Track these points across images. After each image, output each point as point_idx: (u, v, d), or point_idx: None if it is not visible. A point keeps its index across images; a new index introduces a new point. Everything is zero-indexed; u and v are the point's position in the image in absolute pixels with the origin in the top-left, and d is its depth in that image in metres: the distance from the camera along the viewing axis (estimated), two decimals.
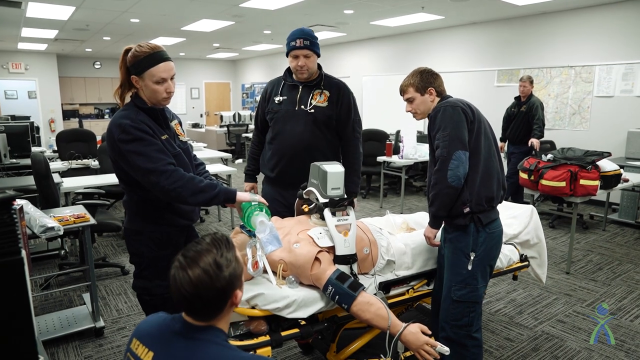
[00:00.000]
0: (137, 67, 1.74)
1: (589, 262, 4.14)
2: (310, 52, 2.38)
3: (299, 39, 2.36)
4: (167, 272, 1.87)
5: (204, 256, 1.06)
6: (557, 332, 2.90)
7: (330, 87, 2.50)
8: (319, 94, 2.49)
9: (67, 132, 6.24)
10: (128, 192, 1.88)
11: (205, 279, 1.03)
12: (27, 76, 11.96)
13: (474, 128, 1.95)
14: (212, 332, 1.09)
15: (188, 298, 1.04)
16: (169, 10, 6.47)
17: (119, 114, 1.76)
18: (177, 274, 1.05)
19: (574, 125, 6.32)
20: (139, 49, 1.74)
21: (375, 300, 1.73)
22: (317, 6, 6.19)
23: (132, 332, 1.17)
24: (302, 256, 1.81)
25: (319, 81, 2.50)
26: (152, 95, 1.78)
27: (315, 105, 2.46)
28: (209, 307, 1.07)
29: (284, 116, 2.49)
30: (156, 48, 1.75)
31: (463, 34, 7.63)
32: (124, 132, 1.69)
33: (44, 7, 6.18)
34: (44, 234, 2.37)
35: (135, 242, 1.89)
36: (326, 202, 1.91)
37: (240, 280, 1.12)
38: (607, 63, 5.90)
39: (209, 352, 1.04)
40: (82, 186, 4.16)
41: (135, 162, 1.68)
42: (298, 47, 2.36)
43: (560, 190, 3.75)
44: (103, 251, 4.43)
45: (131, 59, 1.74)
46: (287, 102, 2.50)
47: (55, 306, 3.24)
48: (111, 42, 9.84)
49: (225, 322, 1.14)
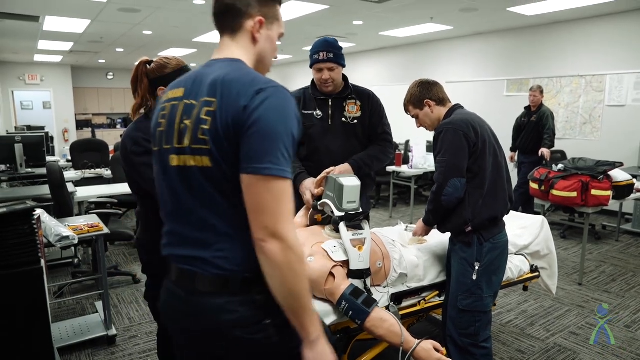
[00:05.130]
0: (167, 79, 1.73)
1: (601, 274, 4.10)
2: (334, 65, 2.28)
3: (322, 51, 2.26)
4: None
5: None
6: (570, 345, 2.87)
7: (361, 96, 2.43)
8: (352, 104, 2.41)
9: (81, 142, 6.34)
10: (141, 203, 1.91)
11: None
12: (43, 87, 12.20)
13: (477, 150, 1.96)
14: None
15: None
16: (180, 22, 6.59)
17: (132, 127, 1.79)
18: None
19: (585, 134, 6.28)
20: (167, 61, 1.77)
21: (389, 316, 1.73)
22: (327, 17, 6.25)
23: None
24: (316, 270, 1.82)
25: (348, 92, 2.42)
26: None
27: (354, 117, 2.40)
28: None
29: (320, 133, 2.38)
30: (183, 62, 1.81)
31: (472, 44, 7.64)
32: (137, 145, 1.72)
33: (61, 21, 6.33)
34: (59, 243, 2.42)
35: (148, 252, 1.90)
36: (342, 215, 1.92)
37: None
38: (618, 72, 5.87)
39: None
40: (95, 195, 4.22)
41: (147, 174, 1.69)
42: (322, 61, 2.26)
43: (572, 201, 3.73)
44: (115, 259, 4.48)
45: (158, 71, 1.76)
46: (323, 116, 2.40)
47: (69, 314, 3.28)
48: (124, 53, 10.02)
49: (244, 49, 1.14)
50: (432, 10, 5.79)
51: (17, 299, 1.19)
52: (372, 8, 5.66)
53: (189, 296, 1.09)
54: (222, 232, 1.05)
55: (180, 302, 1.11)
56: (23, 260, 1.19)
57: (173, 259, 1.13)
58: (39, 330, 1.27)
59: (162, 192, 1.15)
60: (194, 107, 1.04)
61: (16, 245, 1.25)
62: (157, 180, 1.17)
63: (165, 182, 1.12)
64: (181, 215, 1.11)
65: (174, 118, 1.09)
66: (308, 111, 2.42)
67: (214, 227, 1.05)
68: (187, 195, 1.07)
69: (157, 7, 5.67)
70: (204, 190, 1.04)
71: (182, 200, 1.09)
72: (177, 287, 1.12)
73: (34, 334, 1.27)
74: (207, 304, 1.06)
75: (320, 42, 2.31)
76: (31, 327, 1.24)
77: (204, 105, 1.02)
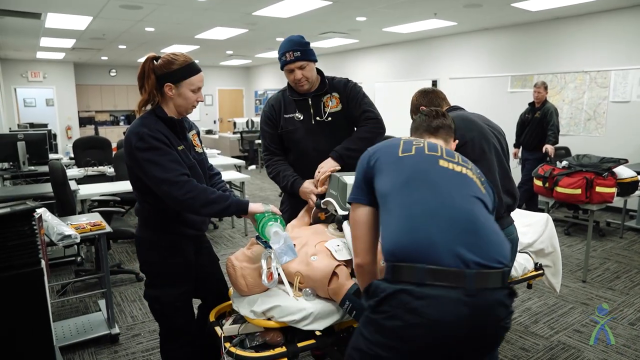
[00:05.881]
0: (174, 75, 1.75)
1: (606, 271, 4.07)
2: (304, 63, 2.18)
3: (288, 52, 2.16)
4: (177, 280, 1.90)
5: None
6: (574, 342, 2.86)
7: (337, 88, 2.34)
8: (329, 99, 2.32)
9: (84, 139, 6.35)
10: (140, 201, 1.90)
11: None
12: (45, 84, 12.21)
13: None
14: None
15: None
16: (183, 18, 6.56)
17: (137, 122, 1.78)
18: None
19: (589, 131, 6.24)
20: (174, 57, 1.75)
21: None
22: (330, 14, 6.22)
23: None
24: (319, 270, 1.81)
25: (325, 87, 2.32)
26: (184, 104, 1.80)
27: (330, 113, 2.31)
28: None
29: (303, 135, 2.30)
30: (190, 58, 1.79)
31: (476, 39, 7.59)
32: (141, 140, 1.70)
33: (63, 17, 6.32)
34: (62, 242, 2.41)
35: (146, 250, 1.91)
36: (345, 214, 1.91)
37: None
38: (623, 68, 5.82)
39: None
40: (97, 193, 4.22)
41: (150, 170, 1.70)
42: (290, 61, 2.16)
43: (576, 198, 3.70)
44: (118, 257, 4.49)
45: (165, 67, 1.75)
46: (304, 118, 2.31)
47: (72, 312, 3.28)
48: (126, 50, 10.01)
49: None
50: (436, 5, 5.75)
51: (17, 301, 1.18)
52: (376, 4, 5.63)
53: (473, 297, 1.16)
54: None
55: (465, 305, 1.16)
56: (23, 262, 1.18)
57: (464, 265, 1.18)
58: (40, 332, 1.27)
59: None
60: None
61: (16, 247, 1.24)
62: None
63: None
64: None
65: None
66: (289, 114, 2.32)
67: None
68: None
69: (160, 4, 5.65)
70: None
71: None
72: (457, 292, 1.16)
73: (35, 335, 1.27)
74: (495, 299, 1.19)
75: (285, 42, 2.21)
76: (32, 328, 1.23)
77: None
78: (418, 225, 1.24)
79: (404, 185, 1.32)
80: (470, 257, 1.18)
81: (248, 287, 1.85)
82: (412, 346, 1.19)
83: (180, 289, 1.92)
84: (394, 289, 1.19)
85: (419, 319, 1.15)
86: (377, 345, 1.22)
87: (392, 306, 1.18)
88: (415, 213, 1.26)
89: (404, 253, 1.22)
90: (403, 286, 1.18)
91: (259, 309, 1.78)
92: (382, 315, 1.20)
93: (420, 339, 1.18)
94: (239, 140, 11.02)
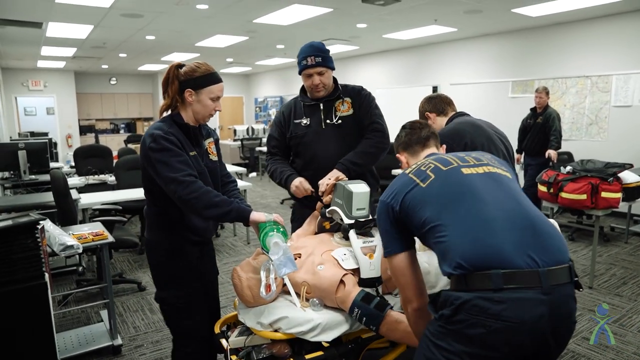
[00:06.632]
0: (196, 82, 1.82)
1: (612, 276, 4.04)
2: (323, 69, 2.22)
3: (309, 56, 2.20)
4: (181, 281, 1.90)
5: None
6: (583, 350, 2.82)
7: (351, 94, 2.36)
8: (341, 104, 2.33)
9: (84, 148, 6.34)
10: (150, 203, 1.94)
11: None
12: (46, 93, 12.22)
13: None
14: None
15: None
16: (184, 27, 6.57)
17: (154, 125, 1.86)
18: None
19: (591, 135, 6.23)
20: (198, 66, 1.84)
21: (404, 317, 1.69)
22: (330, 21, 6.22)
23: None
24: (326, 279, 1.78)
25: (337, 92, 2.34)
26: (202, 111, 1.87)
27: (341, 116, 2.31)
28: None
29: (313, 139, 2.32)
30: (213, 68, 1.88)
31: (476, 45, 7.60)
32: (155, 141, 1.77)
33: (64, 26, 6.33)
34: (64, 252, 2.39)
35: (152, 251, 1.96)
36: (352, 223, 1.88)
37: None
38: (624, 72, 5.81)
39: None
40: (99, 202, 4.19)
41: (160, 170, 1.76)
42: (310, 66, 2.20)
43: (581, 203, 3.68)
44: (120, 267, 4.45)
45: (189, 74, 1.82)
46: (313, 123, 2.33)
47: (73, 323, 3.24)
48: (127, 58, 10.02)
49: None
50: (436, 12, 5.75)
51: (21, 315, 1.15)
52: (377, 11, 5.63)
53: (550, 295, 1.18)
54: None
55: (543, 303, 1.18)
56: (27, 275, 1.16)
57: (536, 264, 1.20)
58: (43, 346, 1.24)
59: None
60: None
61: (20, 260, 1.21)
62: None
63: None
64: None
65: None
66: (297, 120, 2.36)
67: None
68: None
69: (160, 12, 5.65)
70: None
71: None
72: (535, 292, 1.18)
73: (38, 349, 1.24)
74: (567, 294, 1.24)
75: (306, 47, 2.24)
76: (35, 342, 1.20)
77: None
78: (479, 234, 1.24)
79: (446, 206, 1.32)
80: (539, 255, 1.21)
81: (254, 298, 1.82)
82: (497, 351, 1.20)
83: (184, 290, 1.94)
84: (470, 297, 1.19)
85: (502, 324, 1.16)
86: (460, 355, 1.22)
87: (470, 314, 1.19)
88: (472, 224, 1.26)
89: (472, 264, 1.21)
90: (479, 294, 1.18)
91: (266, 320, 1.75)
92: (462, 325, 1.20)
93: (505, 343, 1.19)
94: (239, 148, 11.01)
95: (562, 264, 1.23)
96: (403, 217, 1.41)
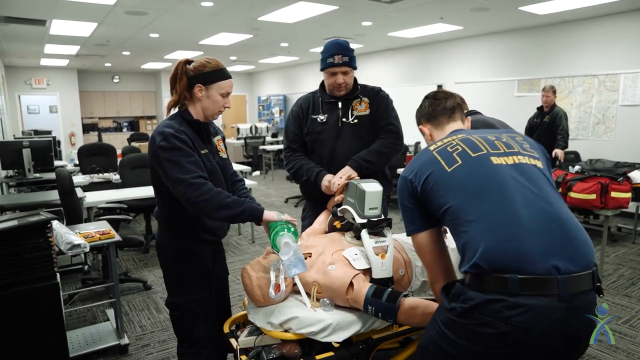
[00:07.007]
0: (205, 77, 1.79)
1: (620, 277, 4.00)
2: (349, 69, 2.22)
3: (337, 55, 2.18)
4: (195, 285, 1.86)
5: None
6: (594, 352, 2.79)
7: (369, 93, 2.36)
8: (358, 103, 2.33)
9: (88, 146, 6.32)
10: (160, 204, 1.89)
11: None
12: (49, 91, 12.21)
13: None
14: None
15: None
16: (188, 24, 6.55)
17: (164, 123, 1.80)
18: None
19: (598, 134, 6.18)
20: (208, 61, 1.80)
21: (418, 301, 1.66)
22: (335, 19, 6.19)
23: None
24: (337, 279, 1.76)
25: (356, 92, 2.34)
26: (212, 107, 1.83)
27: (358, 115, 2.31)
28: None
29: (330, 136, 2.31)
30: (222, 64, 1.84)
31: (482, 43, 7.56)
32: (165, 140, 1.71)
33: (68, 24, 6.31)
34: (71, 251, 2.36)
35: (164, 254, 1.90)
36: (364, 222, 1.86)
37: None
38: (632, 71, 5.76)
39: None
40: (104, 201, 4.17)
41: (169, 170, 1.70)
42: (337, 64, 2.19)
43: (591, 203, 3.64)
44: (124, 265, 4.43)
45: (198, 69, 1.79)
46: (330, 120, 2.33)
47: (79, 322, 3.23)
48: (130, 56, 10.00)
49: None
50: (442, 10, 5.72)
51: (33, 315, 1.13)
52: (382, 8, 5.59)
53: (568, 303, 1.15)
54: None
55: (559, 311, 1.15)
56: (39, 275, 1.13)
57: (557, 270, 1.17)
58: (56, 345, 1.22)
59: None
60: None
61: (31, 260, 1.18)
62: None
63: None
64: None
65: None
66: (315, 115, 2.36)
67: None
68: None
69: (165, 10, 5.63)
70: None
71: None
72: (551, 299, 1.15)
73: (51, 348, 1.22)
74: (588, 302, 1.21)
75: (334, 44, 2.23)
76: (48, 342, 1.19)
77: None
78: (502, 236, 1.20)
79: (471, 199, 1.27)
80: (562, 262, 1.17)
81: (264, 298, 1.79)
82: (502, 353, 1.18)
83: (199, 294, 1.89)
84: (483, 300, 1.16)
85: (511, 328, 1.14)
86: (464, 349, 1.21)
87: (483, 314, 1.16)
88: (496, 223, 1.22)
89: (490, 265, 1.18)
90: (493, 296, 1.15)
91: (276, 320, 1.73)
92: (474, 322, 1.18)
93: (513, 346, 1.16)
94: (242, 146, 10.99)
95: (585, 270, 1.19)
96: (423, 197, 1.36)
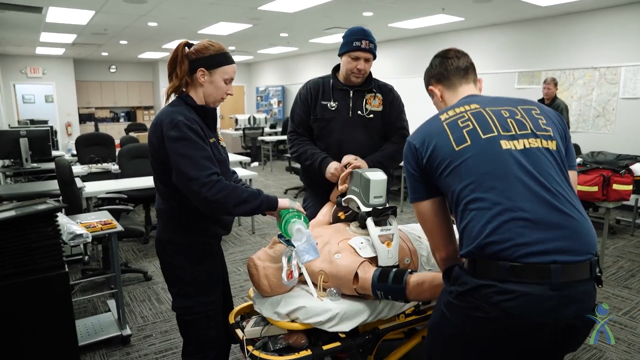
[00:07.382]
0: (208, 61, 1.67)
1: (620, 269, 4.02)
2: (371, 56, 2.22)
3: (364, 39, 2.15)
4: (209, 286, 1.80)
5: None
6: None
7: (383, 90, 2.35)
8: (372, 98, 2.32)
9: (86, 136, 6.27)
10: (166, 198, 1.72)
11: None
12: (45, 80, 12.09)
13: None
14: None
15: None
16: (187, 13, 6.47)
17: (169, 109, 1.65)
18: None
19: (598, 127, 6.18)
20: (210, 43, 1.69)
21: (424, 275, 1.66)
22: (336, 9, 6.13)
23: None
24: (344, 267, 1.75)
25: (370, 85, 2.32)
26: (214, 93, 1.72)
27: (372, 110, 2.30)
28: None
29: (340, 126, 2.29)
30: (225, 48, 1.73)
31: (483, 35, 7.52)
32: (175, 128, 1.56)
33: (64, 12, 6.22)
34: (73, 242, 2.33)
35: (172, 254, 1.75)
36: (369, 211, 1.84)
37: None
38: (633, 64, 5.75)
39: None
40: (103, 191, 4.14)
41: (179, 164, 1.55)
42: (363, 49, 2.16)
43: (592, 195, 3.65)
44: (125, 256, 4.42)
45: (201, 52, 1.67)
46: (340, 108, 2.29)
47: (80, 313, 3.21)
48: (127, 46, 9.90)
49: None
50: (444, 0, 5.67)
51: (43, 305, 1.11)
52: None
53: (559, 292, 1.14)
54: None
55: (550, 300, 1.14)
56: (47, 265, 1.11)
57: (551, 260, 1.16)
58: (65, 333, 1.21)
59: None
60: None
61: (40, 249, 1.15)
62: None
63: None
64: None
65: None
66: (325, 101, 2.32)
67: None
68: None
69: None
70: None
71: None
72: (542, 287, 1.14)
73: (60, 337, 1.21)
74: (582, 292, 1.19)
75: (360, 29, 2.23)
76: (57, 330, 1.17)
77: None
78: (501, 227, 1.19)
79: (476, 186, 1.25)
80: (558, 251, 1.16)
81: (271, 288, 1.79)
82: (491, 337, 1.20)
83: (212, 296, 1.81)
84: (478, 284, 1.18)
85: (500, 313, 1.15)
86: (460, 330, 1.25)
87: (475, 299, 1.19)
88: (497, 213, 1.21)
89: (486, 252, 1.19)
90: (485, 281, 1.17)
91: (283, 310, 1.72)
92: (468, 305, 1.21)
93: (502, 332, 1.18)
94: (241, 137, 10.93)
95: (582, 260, 1.18)
96: (428, 170, 1.34)
